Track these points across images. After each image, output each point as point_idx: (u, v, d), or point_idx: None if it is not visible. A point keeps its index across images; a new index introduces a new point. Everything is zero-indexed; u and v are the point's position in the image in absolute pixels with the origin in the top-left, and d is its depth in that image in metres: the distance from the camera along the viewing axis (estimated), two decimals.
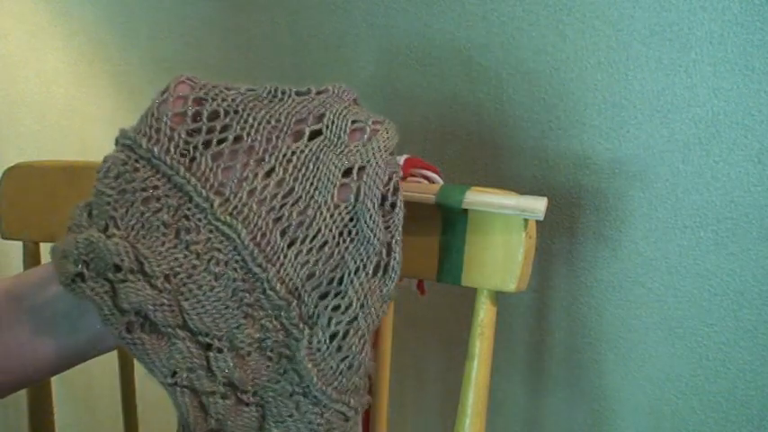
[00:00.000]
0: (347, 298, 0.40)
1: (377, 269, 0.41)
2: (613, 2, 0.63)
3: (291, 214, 0.41)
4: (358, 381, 0.41)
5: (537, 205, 0.47)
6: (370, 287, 0.41)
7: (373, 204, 0.41)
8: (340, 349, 0.40)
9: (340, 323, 0.40)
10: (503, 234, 0.50)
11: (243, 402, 0.40)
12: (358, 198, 0.41)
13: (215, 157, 0.42)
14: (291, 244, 0.41)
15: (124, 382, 0.72)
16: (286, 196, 0.41)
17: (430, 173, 0.54)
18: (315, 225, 0.41)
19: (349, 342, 0.40)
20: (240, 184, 0.41)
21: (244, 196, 0.41)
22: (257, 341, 0.40)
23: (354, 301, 0.40)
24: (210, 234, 0.40)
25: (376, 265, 0.41)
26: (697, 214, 0.64)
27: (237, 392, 0.40)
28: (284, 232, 0.41)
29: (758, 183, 0.61)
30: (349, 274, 0.41)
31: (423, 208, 0.50)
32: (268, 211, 0.41)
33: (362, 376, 0.41)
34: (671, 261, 0.66)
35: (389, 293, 0.42)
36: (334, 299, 0.41)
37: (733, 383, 0.65)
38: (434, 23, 0.73)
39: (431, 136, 0.75)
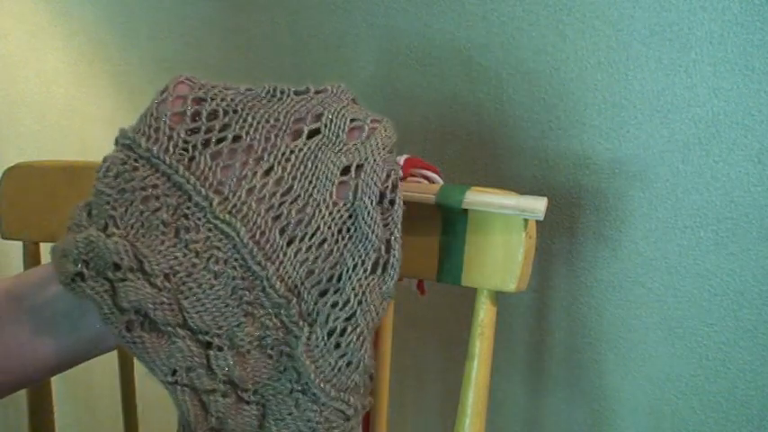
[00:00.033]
0: (345, 295, 0.40)
1: (376, 266, 0.41)
2: (613, 2, 0.63)
3: (290, 212, 0.41)
4: (358, 379, 0.41)
5: (537, 205, 0.47)
6: (369, 284, 0.41)
7: (371, 201, 0.41)
8: (338, 346, 0.40)
9: (338, 320, 0.40)
10: (503, 234, 0.50)
11: (243, 400, 0.40)
12: (356, 195, 0.41)
13: (214, 156, 0.42)
14: (290, 242, 0.41)
15: (124, 381, 0.72)
16: (285, 194, 0.41)
17: (430, 173, 0.54)
18: (314, 223, 0.41)
19: (347, 339, 0.40)
20: (239, 182, 0.41)
21: (243, 195, 0.41)
22: (257, 339, 0.40)
23: (352, 297, 0.40)
24: (210, 232, 0.41)
25: (375, 262, 0.41)
26: (697, 214, 0.64)
27: (238, 391, 0.40)
28: (283, 230, 0.41)
29: (758, 183, 0.61)
30: (347, 271, 0.41)
31: (423, 208, 0.50)
32: (267, 210, 0.41)
33: (362, 374, 0.41)
34: (671, 261, 0.66)
35: (389, 291, 0.42)
36: (333, 296, 0.41)
37: (733, 383, 0.65)
38: (434, 23, 0.73)
39: (431, 136, 0.75)
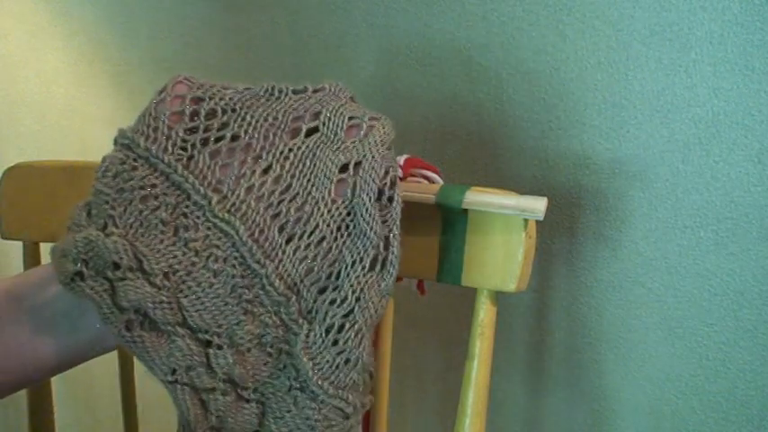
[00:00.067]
0: (343, 292, 0.40)
1: (374, 263, 0.41)
2: (613, 2, 0.63)
3: (289, 210, 0.41)
4: (356, 377, 0.41)
5: (537, 205, 0.47)
6: (368, 281, 0.41)
7: (370, 198, 0.41)
8: (336, 343, 0.40)
9: (335, 317, 0.40)
10: (503, 234, 0.50)
11: (243, 399, 0.40)
12: (354, 193, 0.41)
13: (213, 155, 0.42)
14: (289, 240, 0.41)
15: (124, 381, 0.72)
16: (283, 193, 0.41)
17: (430, 173, 0.54)
18: (312, 221, 0.41)
19: (345, 336, 0.40)
20: (238, 181, 0.41)
21: (242, 193, 0.41)
22: (257, 337, 0.40)
23: (350, 294, 0.40)
24: (209, 231, 0.40)
25: (373, 259, 0.41)
26: (697, 214, 0.64)
27: (237, 389, 0.40)
28: (282, 228, 0.41)
29: (758, 183, 0.61)
30: (346, 268, 0.41)
31: (423, 208, 0.50)
32: (266, 208, 0.41)
33: (360, 372, 0.41)
34: (671, 261, 0.66)
35: (388, 288, 0.42)
36: (332, 293, 0.41)
37: (733, 383, 0.65)
38: (434, 23, 0.73)
39: (431, 136, 0.75)
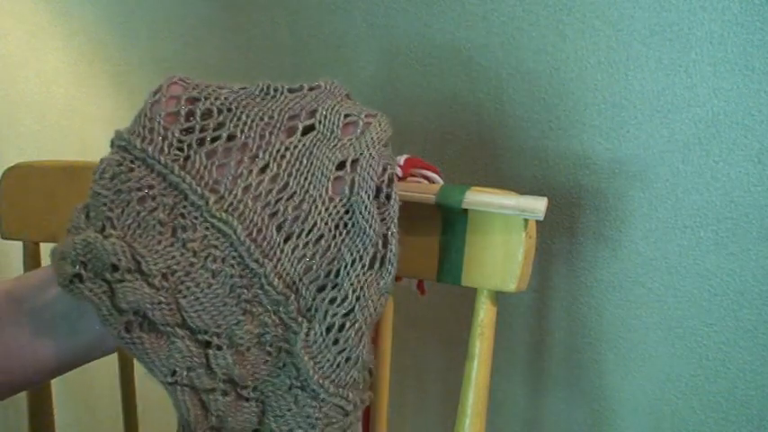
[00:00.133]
0: (343, 290, 0.40)
1: (373, 261, 0.41)
2: (613, 2, 0.63)
3: (287, 209, 0.41)
4: (356, 375, 0.41)
5: (537, 205, 0.47)
6: (367, 280, 0.41)
7: (368, 196, 0.41)
8: (336, 342, 0.40)
9: (336, 315, 0.40)
10: (503, 234, 0.50)
11: (243, 398, 0.40)
12: (352, 190, 0.41)
13: (209, 154, 0.42)
14: (288, 238, 0.41)
15: (124, 382, 0.72)
16: (281, 191, 0.41)
17: (430, 173, 0.54)
18: (310, 219, 0.41)
19: (345, 335, 0.40)
20: (235, 180, 0.41)
21: (239, 193, 0.41)
22: (256, 336, 0.40)
23: (350, 293, 0.40)
24: (207, 231, 0.40)
25: (372, 257, 0.41)
26: (697, 214, 0.64)
27: (237, 388, 0.40)
28: (280, 227, 0.41)
29: (758, 183, 0.61)
30: (345, 266, 0.41)
31: (423, 208, 0.50)
32: (263, 207, 0.41)
33: (360, 370, 0.41)
34: (671, 261, 0.66)
35: (387, 286, 0.42)
36: (331, 291, 0.41)
37: (733, 383, 0.65)
38: (434, 23, 0.73)
39: (431, 136, 0.75)
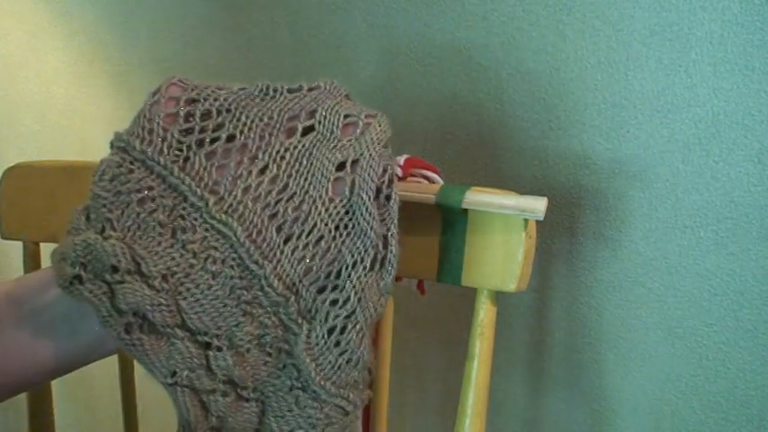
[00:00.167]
0: (345, 292, 0.40)
1: (374, 262, 0.41)
2: (613, 2, 0.63)
3: (287, 210, 0.41)
4: (357, 375, 0.41)
5: (537, 205, 0.47)
6: (368, 281, 0.41)
7: (369, 197, 0.41)
8: (338, 344, 0.40)
9: (338, 317, 0.40)
10: (503, 234, 0.50)
11: (243, 398, 0.40)
12: (353, 191, 0.41)
13: (208, 156, 0.42)
14: (287, 240, 0.41)
15: (124, 382, 0.72)
16: (280, 192, 0.41)
17: (430, 173, 0.54)
18: (310, 220, 0.41)
19: (347, 337, 0.40)
20: (234, 182, 0.41)
21: (238, 194, 0.41)
22: (256, 338, 0.40)
23: (352, 295, 0.40)
24: (206, 233, 0.40)
25: (373, 258, 0.41)
26: (697, 214, 0.64)
27: (237, 389, 0.40)
28: (280, 228, 0.41)
29: (758, 183, 0.61)
30: (347, 267, 0.41)
31: (423, 208, 0.50)
32: (263, 208, 0.41)
33: (361, 370, 0.41)
34: (671, 261, 0.66)
35: (387, 287, 0.42)
36: (332, 293, 0.41)
37: (733, 383, 0.65)
38: (434, 23, 0.73)
39: (431, 136, 0.75)
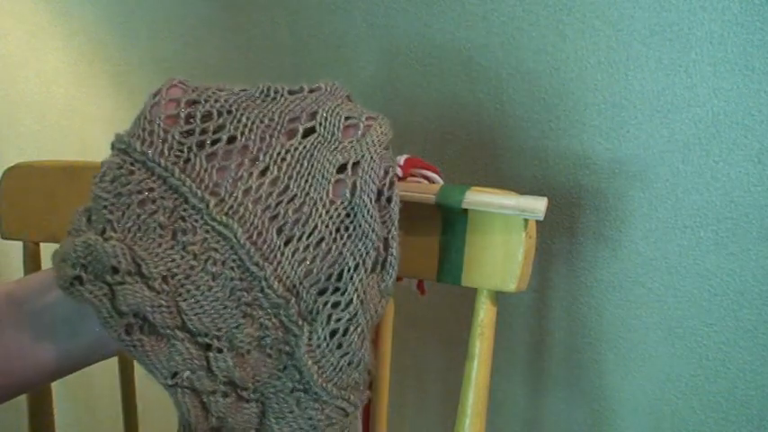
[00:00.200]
0: (347, 295, 0.40)
1: (375, 265, 0.41)
2: (613, 2, 0.63)
3: (287, 212, 0.41)
4: (357, 376, 0.41)
5: (537, 205, 0.47)
6: (369, 283, 0.41)
7: (370, 199, 0.41)
8: (340, 346, 0.40)
9: (340, 320, 0.40)
10: (503, 234, 0.50)
11: (243, 399, 0.40)
12: (354, 193, 0.41)
13: (209, 157, 0.42)
14: (288, 242, 0.41)
15: (124, 382, 0.73)
16: (281, 194, 0.41)
17: (430, 173, 0.54)
18: (311, 222, 0.41)
19: (349, 339, 0.40)
20: (235, 183, 0.41)
21: (239, 196, 0.41)
22: (257, 339, 0.40)
23: (354, 297, 0.40)
24: (207, 234, 0.40)
25: (374, 260, 0.41)
26: (697, 214, 0.64)
27: (238, 390, 0.40)
28: (280, 230, 0.41)
29: (758, 183, 0.61)
30: (348, 270, 0.41)
31: (423, 208, 0.50)
32: (264, 210, 0.41)
33: (362, 372, 0.41)
34: (671, 261, 0.66)
35: (388, 289, 0.42)
36: (333, 295, 0.41)
37: (733, 383, 0.65)
38: (434, 23, 0.73)
39: (431, 136, 0.75)
